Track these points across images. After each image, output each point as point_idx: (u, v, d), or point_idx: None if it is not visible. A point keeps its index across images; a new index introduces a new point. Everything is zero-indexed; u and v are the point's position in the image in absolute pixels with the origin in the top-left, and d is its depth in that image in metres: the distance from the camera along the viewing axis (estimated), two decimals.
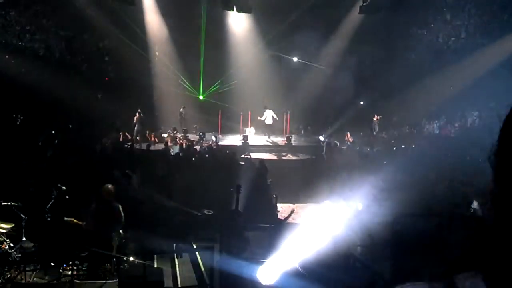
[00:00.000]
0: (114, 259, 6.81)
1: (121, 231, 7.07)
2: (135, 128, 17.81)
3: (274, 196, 10.48)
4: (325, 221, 7.69)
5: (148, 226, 8.34)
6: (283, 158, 16.52)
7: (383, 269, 6.26)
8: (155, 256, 7.67)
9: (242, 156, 14.85)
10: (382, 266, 6.33)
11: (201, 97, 21.96)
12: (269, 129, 19.47)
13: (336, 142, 17.06)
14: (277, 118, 19.40)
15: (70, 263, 6.63)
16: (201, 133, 18.37)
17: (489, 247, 0.80)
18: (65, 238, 6.90)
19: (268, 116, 19.17)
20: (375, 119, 19.51)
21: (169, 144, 16.41)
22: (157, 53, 21.70)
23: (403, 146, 16.55)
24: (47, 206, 7.30)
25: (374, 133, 19.29)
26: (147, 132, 18.01)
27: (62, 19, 19.04)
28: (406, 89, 18.95)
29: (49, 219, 7.12)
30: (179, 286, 7.02)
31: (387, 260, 6.14)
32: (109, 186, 7.25)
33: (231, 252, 6.61)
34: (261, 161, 13.10)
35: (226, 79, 21.70)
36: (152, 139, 17.59)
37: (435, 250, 5.28)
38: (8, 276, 6.37)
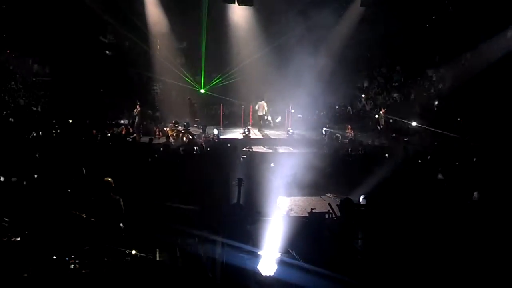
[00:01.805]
0: (116, 253, 6.84)
1: (121, 224, 7.13)
2: (136, 121, 17.80)
3: (275, 189, 10.50)
4: None
5: (149, 219, 8.37)
6: (284, 151, 16.51)
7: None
8: (157, 249, 7.71)
9: (244, 149, 14.83)
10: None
11: (202, 91, 21.91)
12: (259, 121, 19.44)
13: (338, 135, 17.04)
14: (266, 110, 19.38)
15: (73, 256, 6.66)
16: (202, 127, 18.37)
17: None
18: (67, 231, 6.93)
19: (260, 107, 19.15)
20: (381, 112, 19.45)
21: (170, 137, 16.43)
22: (158, 46, 21.66)
23: (406, 139, 16.51)
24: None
25: (380, 127, 19.19)
26: (155, 127, 18.06)
27: (63, 12, 19.03)
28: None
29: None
30: (181, 279, 7.06)
31: None
32: (109, 179, 7.27)
33: (232, 245, 6.64)
34: (263, 154, 13.13)
35: (227, 72, 21.64)
36: (157, 133, 17.64)
37: None
38: (11, 269, 6.40)
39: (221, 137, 17.10)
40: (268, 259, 6.27)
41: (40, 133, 14.43)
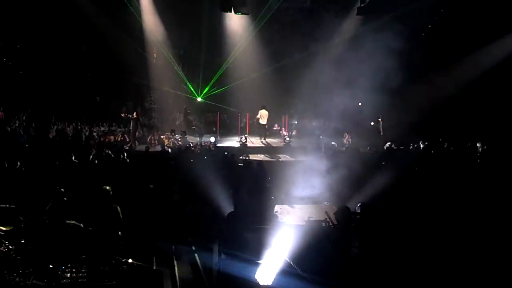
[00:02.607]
0: (113, 261, 6.80)
1: (119, 232, 7.10)
2: (131, 129, 17.72)
3: (273, 197, 10.49)
4: None
5: (146, 227, 8.35)
6: (281, 159, 16.51)
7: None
8: (154, 258, 7.68)
9: (241, 157, 14.82)
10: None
11: (199, 99, 21.95)
12: (262, 130, 19.41)
13: (334, 143, 17.05)
14: (265, 118, 19.19)
15: (69, 265, 6.62)
16: (199, 135, 18.38)
17: None
18: (64, 240, 6.89)
19: (263, 116, 19.06)
20: (380, 119, 19.49)
21: (166, 145, 16.42)
22: (155, 54, 21.71)
23: (401, 147, 16.54)
24: (46, 208, 7.32)
25: (381, 134, 19.21)
26: (151, 135, 18.04)
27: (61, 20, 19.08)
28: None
29: (48, 221, 7.14)
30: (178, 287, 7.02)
31: None
32: (107, 187, 7.28)
33: (230, 254, 6.61)
34: (260, 162, 13.11)
35: (224, 81, 21.69)
36: (153, 141, 17.60)
37: None
38: (7, 278, 6.35)
39: (218, 145, 17.09)
40: (266, 268, 6.24)
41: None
